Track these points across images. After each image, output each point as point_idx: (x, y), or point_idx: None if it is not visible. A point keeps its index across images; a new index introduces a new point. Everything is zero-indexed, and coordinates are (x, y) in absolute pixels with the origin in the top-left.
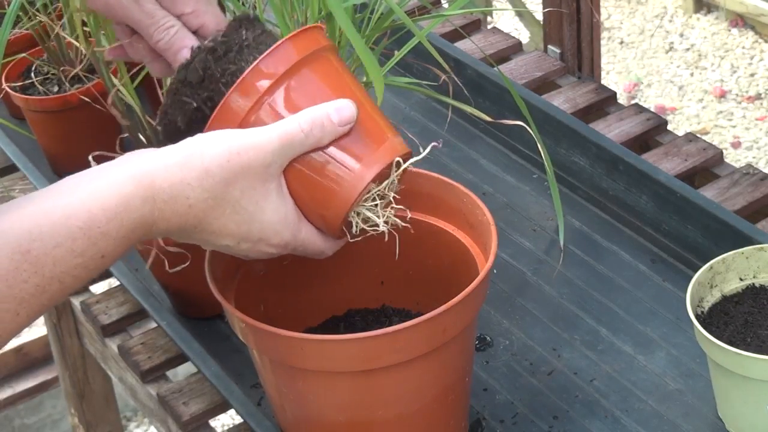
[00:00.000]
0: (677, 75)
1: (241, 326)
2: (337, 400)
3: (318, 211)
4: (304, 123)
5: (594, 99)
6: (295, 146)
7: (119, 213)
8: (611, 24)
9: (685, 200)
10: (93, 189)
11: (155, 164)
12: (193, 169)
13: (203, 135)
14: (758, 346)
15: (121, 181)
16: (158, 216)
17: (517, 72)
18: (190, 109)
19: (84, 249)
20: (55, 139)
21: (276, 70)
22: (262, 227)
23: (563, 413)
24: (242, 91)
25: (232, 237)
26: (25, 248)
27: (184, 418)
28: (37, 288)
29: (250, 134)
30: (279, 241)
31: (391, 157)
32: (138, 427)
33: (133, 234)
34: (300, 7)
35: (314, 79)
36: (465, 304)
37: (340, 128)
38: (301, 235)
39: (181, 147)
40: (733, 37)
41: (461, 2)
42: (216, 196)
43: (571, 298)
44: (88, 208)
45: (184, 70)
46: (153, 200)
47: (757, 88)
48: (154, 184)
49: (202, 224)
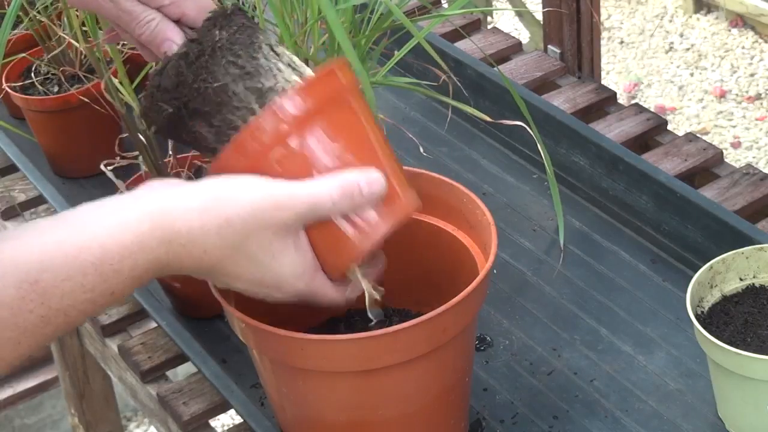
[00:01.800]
0: (677, 75)
1: (241, 326)
2: (338, 400)
3: (328, 259)
4: (335, 192)
5: (594, 99)
6: (322, 213)
7: (134, 252)
8: (611, 24)
9: (685, 200)
10: (109, 224)
11: (175, 204)
12: (215, 217)
13: (230, 180)
14: (758, 346)
15: (138, 218)
16: (173, 258)
17: (517, 72)
18: (168, 113)
19: (94, 285)
20: (55, 139)
21: (291, 114)
22: (277, 278)
23: (563, 413)
24: (261, 125)
25: (246, 283)
26: (34, 278)
27: (184, 418)
28: (41, 319)
29: (276, 190)
30: (292, 290)
31: (407, 213)
32: (138, 427)
33: (146, 273)
34: (300, 7)
35: (332, 128)
36: (465, 304)
37: (369, 201)
38: (314, 284)
39: (204, 189)
40: (733, 37)
41: (461, 2)
42: (233, 246)
43: (571, 298)
44: (102, 243)
45: (158, 76)
46: (169, 243)
47: (757, 88)
48: (172, 227)
49: (216, 268)
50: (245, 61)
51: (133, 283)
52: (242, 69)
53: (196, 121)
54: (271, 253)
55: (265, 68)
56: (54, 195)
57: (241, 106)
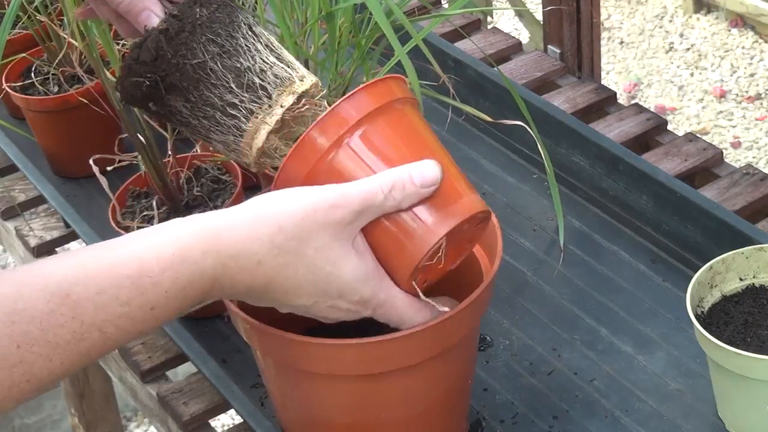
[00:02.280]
0: (677, 75)
1: (245, 327)
2: (341, 403)
3: (387, 264)
4: (385, 185)
5: (594, 99)
6: (375, 208)
7: (175, 264)
8: (611, 24)
9: (685, 200)
10: (150, 241)
11: (222, 221)
12: (265, 225)
13: (276, 192)
14: (758, 346)
15: (180, 234)
16: (222, 272)
17: (517, 72)
18: (145, 85)
19: (131, 298)
20: (55, 139)
21: (350, 116)
22: (340, 286)
23: (563, 413)
24: (319, 130)
25: (308, 296)
26: (65, 292)
27: (184, 418)
28: (74, 335)
29: (327, 192)
30: (358, 299)
31: (467, 213)
32: (138, 427)
33: (191, 288)
34: (300, 7)
35: (388, 130)
36: (471, 308)
37: (423, 190)
38: (381, 295)
39: (251, 203)
40: (733, 37)
41: (461, 2)
42: (288, 253)
43: (571, 298)
44: (140, 256)
45: (138, 49)
46: (216, 254)
47: (757, 88)
48: (218, 238)
49: (274, 284)
50: (224, 40)
51: (176, 297)
52: (221, 47)
53: (172, 95)
54: (331, 258)
55: (243, 48)
56: (54, 195)
57: (219, 84)
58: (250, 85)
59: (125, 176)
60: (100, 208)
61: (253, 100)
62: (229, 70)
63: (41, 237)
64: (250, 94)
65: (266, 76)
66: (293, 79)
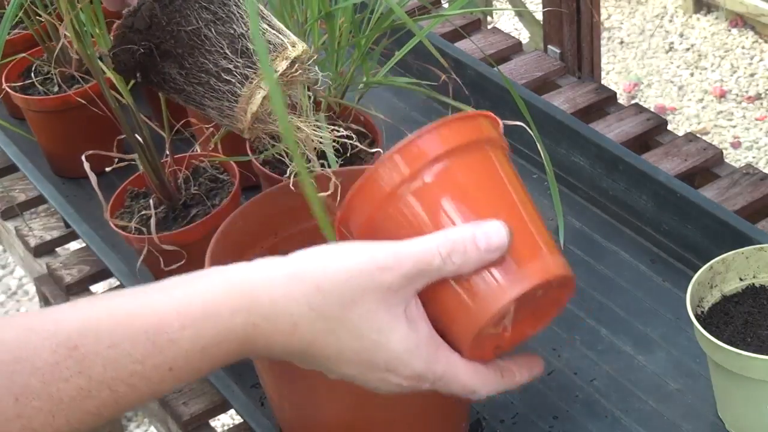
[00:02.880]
0: (677, 75)
1: None
2: (338, 402)
3: (450, 331)
4: (443, 247)
5: (594, 99)
6: (431, 273)
7: (197, 320)
8: (611, 24)
9: (685, 200)
10: (178, 291)
11: (259, 274)
12: (302, 284)
13: (322, 246)
14: (758, 346)
15: (211, 286)
16: (254, 332)
17: (517, 72)
18: (139, 53)
19: (145, 355)
20: (55, 139)
21: (427, 151)
22: (388, 358)
23: (563, 413)
24: (388, 165)
25: (353, 365)
26: (74, 343)
27: (184, 418)
28: (80, 391)
29: (376, 251)
30: (410, 373)
31: (543, 277)
32: (138, 427)
33: (218, 349)
34: (300, 7)
35: (469, 173)
36: None
37: (487, 256)
38: (438, 367)
39: (292, 258)
40: (733, 37)
41: (461, 2)
42: (328, 318)
43: (571, 298)
44: (158, 309)
45: (132, 17)
46: (247, 312)
47: (757, 88)
48: (250, 294)
49: (313, 348)
50: (217, 7)
51: (198, 358)
52: (214, 14)
53: (167, 62)
54: (377, 326)
55: (236, 15)
56: (54, 195)
57: (213, 50)
58: (244, 51)
59: (125, 177)
60: (100, 208)
61: (248, 65)
62: (223, 37)
63: (41, 237)
64: (245, 60)
65: None
66: (285, 45)
